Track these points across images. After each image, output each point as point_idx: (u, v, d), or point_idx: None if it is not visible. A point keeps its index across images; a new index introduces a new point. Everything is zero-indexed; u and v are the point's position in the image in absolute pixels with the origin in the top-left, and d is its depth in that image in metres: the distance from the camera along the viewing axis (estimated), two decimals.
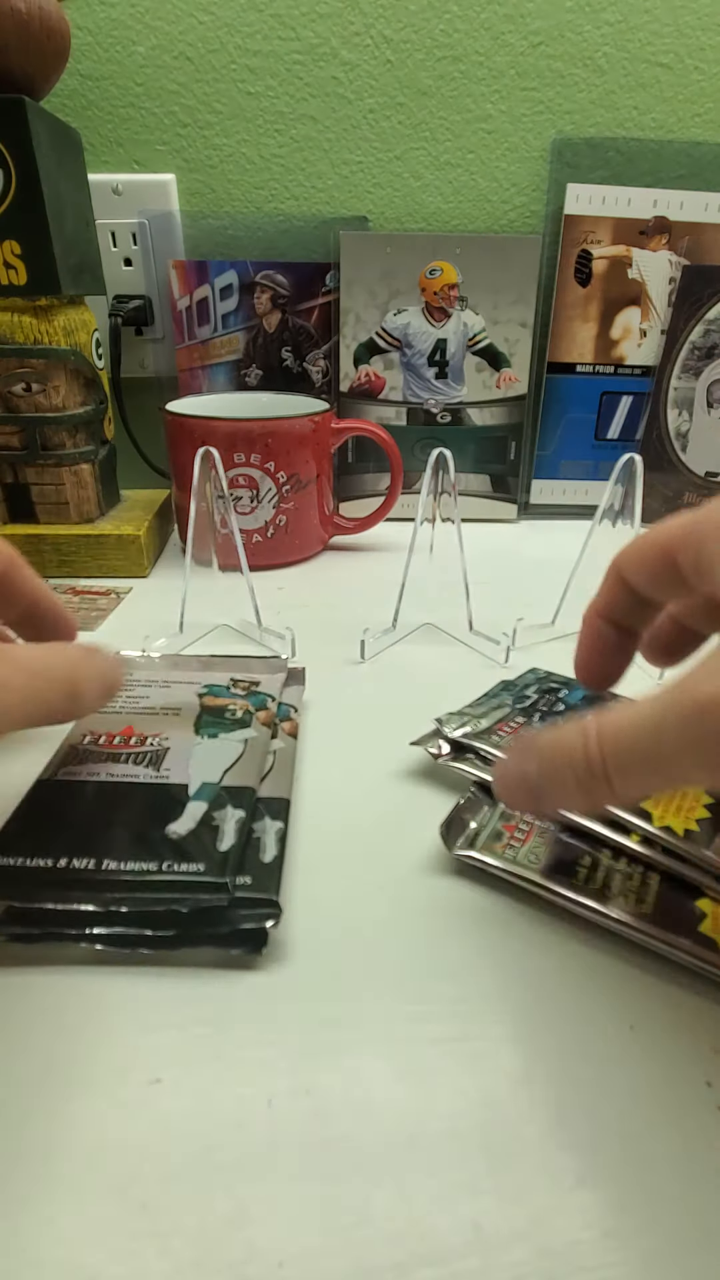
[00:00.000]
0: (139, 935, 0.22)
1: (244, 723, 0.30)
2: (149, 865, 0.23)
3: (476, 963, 0.22)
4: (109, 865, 0.23)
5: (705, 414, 0.59)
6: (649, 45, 0.56)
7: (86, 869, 0.22)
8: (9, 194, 0.42)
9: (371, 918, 0.24)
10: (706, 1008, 0.21)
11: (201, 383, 0.61)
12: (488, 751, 0.29)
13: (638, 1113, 0.18)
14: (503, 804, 0.26)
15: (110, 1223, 0.16)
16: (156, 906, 0.22)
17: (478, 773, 0.28)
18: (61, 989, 0.21)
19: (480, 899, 0.25)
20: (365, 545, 0.57)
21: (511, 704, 0.32)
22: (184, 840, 0.24)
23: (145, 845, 0.23)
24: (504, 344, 0.59)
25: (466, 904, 0.24)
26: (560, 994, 0.21)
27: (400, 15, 0.55)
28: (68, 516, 0.50)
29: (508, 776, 0.21)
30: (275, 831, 0.25)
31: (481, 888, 0.25)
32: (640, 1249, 0.16)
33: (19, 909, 0.22)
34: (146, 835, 0.24)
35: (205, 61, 0.55)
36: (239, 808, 0.25)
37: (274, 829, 0.25)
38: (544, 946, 0.23)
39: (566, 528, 0.62)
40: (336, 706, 0.35)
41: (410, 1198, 0.16)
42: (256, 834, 0.25)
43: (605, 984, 0.22)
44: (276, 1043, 0.20)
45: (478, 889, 0.25)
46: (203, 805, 0.25)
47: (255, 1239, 0.16)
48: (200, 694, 0.32)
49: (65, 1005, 0.21)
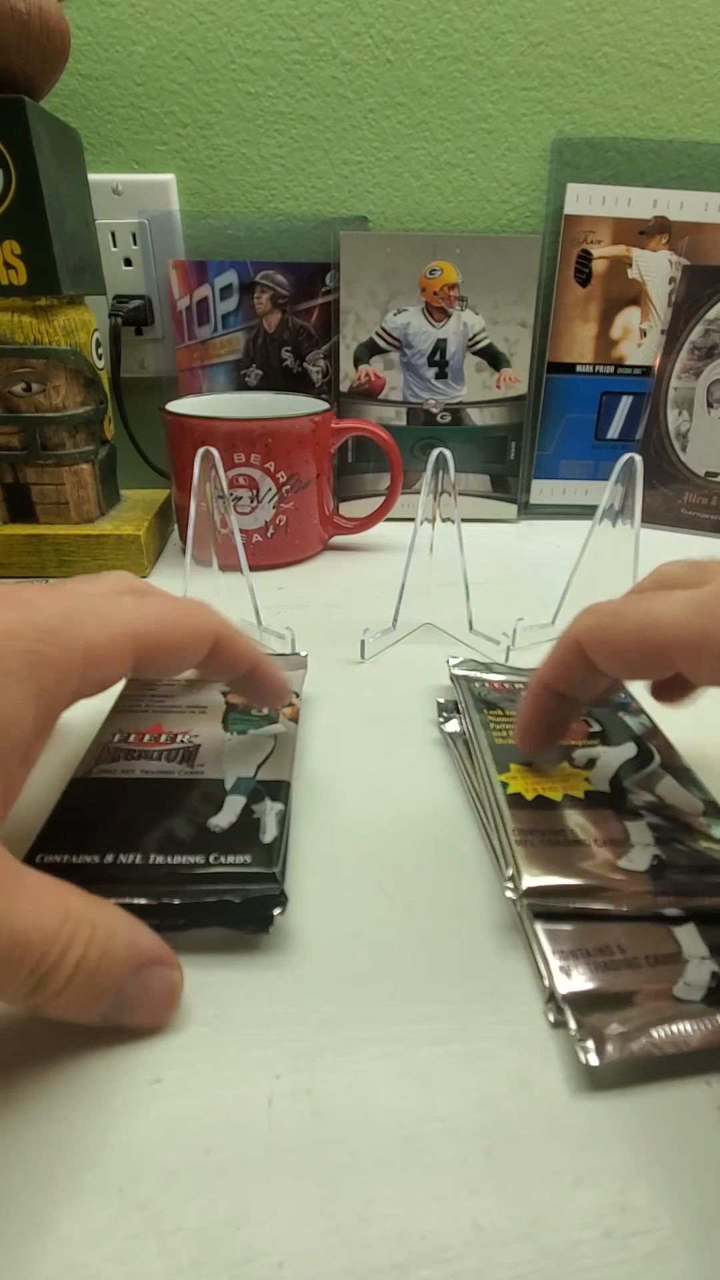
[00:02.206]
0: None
1: (271, 719, 0.30)
2: (196, 859, 0.23)
3: (477, 962, 0.22)
4: (156, 859, 0.23)
5: (705, 414, 0.59)
6: (649, 45, 0.56)
7: (134, 863, 0.23)
8: (9, 194, 0.42)
9: (372, 918, 0.24)
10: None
11: (201, 383, 0.61)
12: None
13: (638, 1112, 0.18)
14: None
15: (110, 1223, 0.16)
16: (208, 898, 0.22)
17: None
18: None
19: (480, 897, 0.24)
20: (365, 545, 0.57)
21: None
22: (227, 833, 0.24)
23: (189, 839, 0.24)
24: (504, 344, 0.59)
25: (466, 902, 0.24)
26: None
27: (400, 15, 0.55)
28: (68, 516, 0.50)
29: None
30: (275, 813, 0.25)
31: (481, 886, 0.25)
32: (640, 1249, 0.16)
33: None
34: (189, 829, 0.24)
35: (205, 61, 0.55)
36: (277, 801, 0.26)
37: (274, 810, 0.25)
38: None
39: (566, 528, 0.62)
40: (336, 706, 0.35)
41: (410, 1198, 0.16)
42: (256, 815, 0.25)
43: None
44: (276, 1043, 0.20)
45: (477, 887, 0.25)
46: (241, 799, 0.26)
47: (255, 1239, 0.16)
48: (224, 691, 0.32)
49: None
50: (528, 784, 0.26)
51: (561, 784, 0.27)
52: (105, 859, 0.23)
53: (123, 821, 0.24)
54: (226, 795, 0.26)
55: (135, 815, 0.25)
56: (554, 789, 0.26)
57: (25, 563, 0.49)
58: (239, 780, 0.27)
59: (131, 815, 0.25)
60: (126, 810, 0.25)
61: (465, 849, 0.27)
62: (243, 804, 0.25)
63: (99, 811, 0.25)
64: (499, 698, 0.32)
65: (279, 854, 0.23)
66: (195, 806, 0.25)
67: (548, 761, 0.28)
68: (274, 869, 0.23)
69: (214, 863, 0.23)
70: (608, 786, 0.27)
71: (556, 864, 0.23)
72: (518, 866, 0.23)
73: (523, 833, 0.24)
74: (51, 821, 0.24)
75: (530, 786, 0.26)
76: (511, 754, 0.28)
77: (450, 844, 0.27)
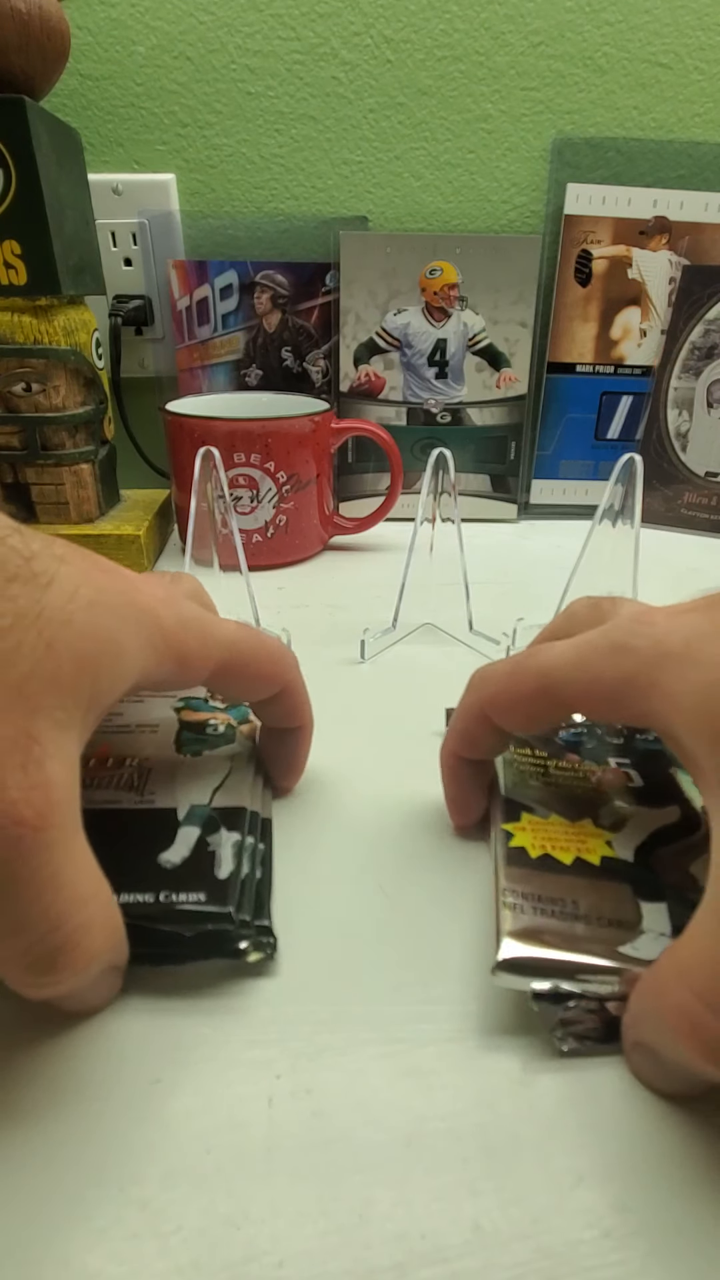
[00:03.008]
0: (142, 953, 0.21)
1: (227, 738, 0.28)
2: (145, 897, 0.21)
3: (477, 962, 0.22)
4: None
5: (705, 414, 0.59)
6: (649, 45, 0.56)
7: None
8: (9, 194, 0.42)
9: (371, 918, 0.24)
10: None
11: (201, 383, 0.61)
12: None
13: (638, 1113, 0.18)
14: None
15: (110, 1223, 0.16)
16: (161, 938, 0.21)
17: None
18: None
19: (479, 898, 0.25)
20: (365, 545, 0.57)
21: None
22: (179, 869, 0.22)
23: (138, 876, 0.22)
24: (504, 344, 0.59)
25: (466, 903, 0.24)
26: None
27: (400, 15, 0.55)
28: (68, 516, 0.50)
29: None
30: (232, 844, 0.23)
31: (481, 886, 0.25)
32: (640, 1249, 0.16)
33: None
34: (137, 866, 0.22)
35: (205, 61, 0.55)
36: (233, 830, 0.24)
37: (230, 841, 0.23)
38: None
39: (566, 528, 0.62)
40: (336, 706, 0.35)
41: (410, 1198, 0.16)
42: (211, 847, 0.23)
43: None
44: (276, 1043, 0.20)
45: (477, 888, 0.25)
46: (195, 831, 0.24)
47: (255, 1239, 0.16)
48: (177, 708, 0.30)
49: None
50: (537, 839, 0.24)
51: (577, 845, 0.23)
52: None
53: None
54: (179, 826, 0.24)
55: None
56: (567, 849, 0.23)
57: None
58: (192, 809, 0.25)
59: None
60: None
61: (466, 850, 0.27)
62: (196, 836, 0.24)
63: None
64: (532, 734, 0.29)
65: (238, 889, 0.22)
66: (145, 840, 0.23)
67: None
68: (228, 908, 0.21)
69: (165, 901, 0.21)
70: (631, 855, 0.23)
71: (544, 937, 0.20)
72: (498, 930, 0.21)
73: (515, 894, 0.22)
74: None
75: (538, 843, 0.23)
76: (527, 797, 0.25)
77: (450, 845, 0.27)
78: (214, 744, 0.28)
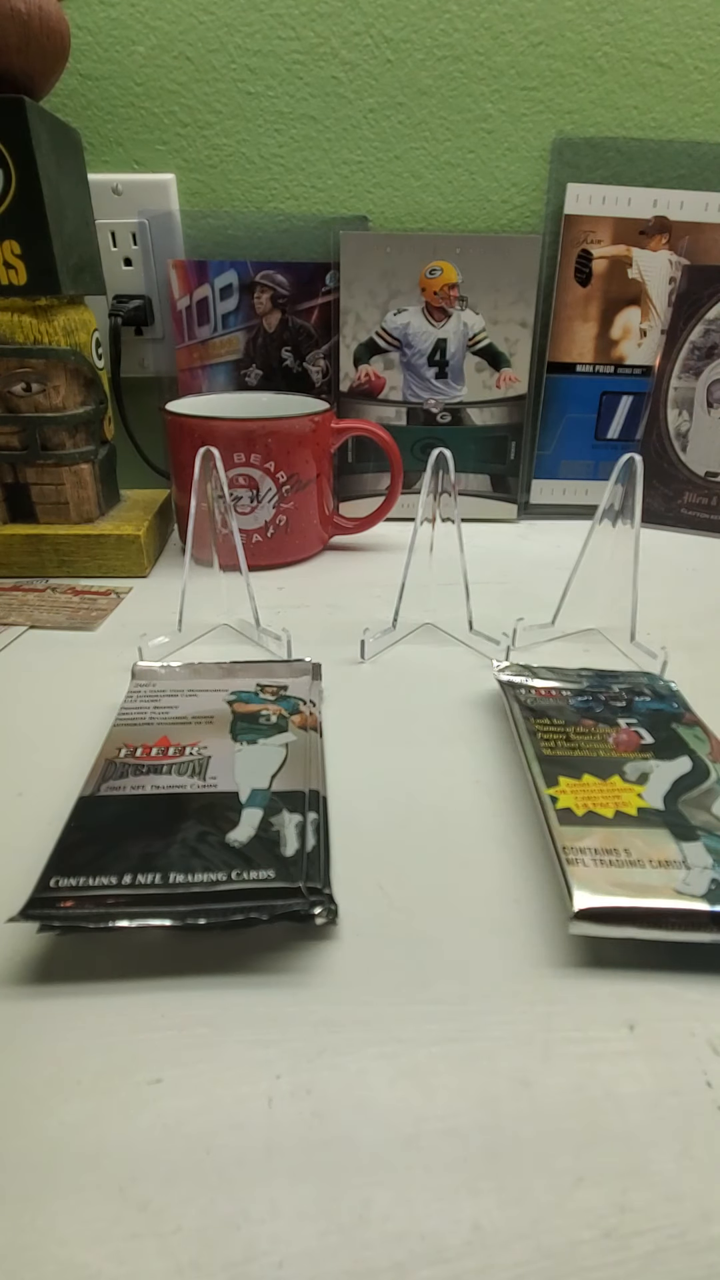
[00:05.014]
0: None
1: (280, 727, 0.30)
2: (217, 875, 0.22)
3: (477, 962, 0.22)
4: (176, 879, 0.22)
5: (705, 414, 0.59)
6: (649, 45, 0.56)
7: (154, 883, 0.22)
8: (9, 194, 0.42)
9: (371, 917, 0.24)
10: (706, 1006, 0.21)
11: (201, 383, 0.61)
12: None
13: (638, 1113, 0.18)
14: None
15: (110, 1223, 0.16)
16: (235, 916, 0.21)
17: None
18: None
19: (479, 898, 0.25)
20: (365, 545, 0.57)
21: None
22: (246, 848, 0.24)
23: (208, 855, 0.23)
24: (504, 344, 0.59)
25: (465, 903, 0.24)
26: (562, 994, 0.21)
27: (400, 15, 0.55)
28: (68, 516, 0.50)
29: None
30: (295, 824, 0.25)
31: (481, 886, 0.25)
32: (640, 1249, 0.16)
33: (92, 929, 0.22)
34: (207, 845, 0.24)
35: (205, 61, 0.55)
36: (294, 812, 0.25)
37: (293, 822, 0.25)
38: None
39: (566, 528, 0.62)
40: (336, 706, 0.35)
41: (410, 1198, 0.16)
42: (275, 827, 0.25)
43: (606, 984, 0.22)
44: (277, 1043, 0.20)
45: (477, 888, 0.25)
46: (258, 812, 0.25)
47: (255, 1239, 0.16)
48: (229, 700, 0.32)
49: (63, 1005, 0.21)
50: (578, 799, 0.26)
51: (613, 800, 0.26)
52: (123, 881, 0.22)
53: (138, 840, 0.24)
54: (243, 808, 0.25)
55: (150, 832, 0.24)
56: (606, 805, 0.25)
57: (25, 563, 0.49)
58: (253, 793, 0.26)
59: (147, 833, 0.24)
60: (140, 828, 0.24)
61: (466, 850, 0.27)
62: (259, 817, 0.25)
63: (112, 830, 0.24)
64: (548, 705, 0.31)
65: (303, 867, 0.23)
66: (211, 821, 0.25)
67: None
68: (298, 883, 0.22)
69: (236, 879, 0.22)
70: (662, 804, 0.26)
71: (612, 885, 0.22)
72: (569, 886, 0.22)
73: (574, 850, 0.23)
74: (62, 843, 0.24)
75: (581, 802, 0.25)
76: (561, 766, 0.27)
77: (450, 845, 0.27)
78: (268, 734, 0.30)
